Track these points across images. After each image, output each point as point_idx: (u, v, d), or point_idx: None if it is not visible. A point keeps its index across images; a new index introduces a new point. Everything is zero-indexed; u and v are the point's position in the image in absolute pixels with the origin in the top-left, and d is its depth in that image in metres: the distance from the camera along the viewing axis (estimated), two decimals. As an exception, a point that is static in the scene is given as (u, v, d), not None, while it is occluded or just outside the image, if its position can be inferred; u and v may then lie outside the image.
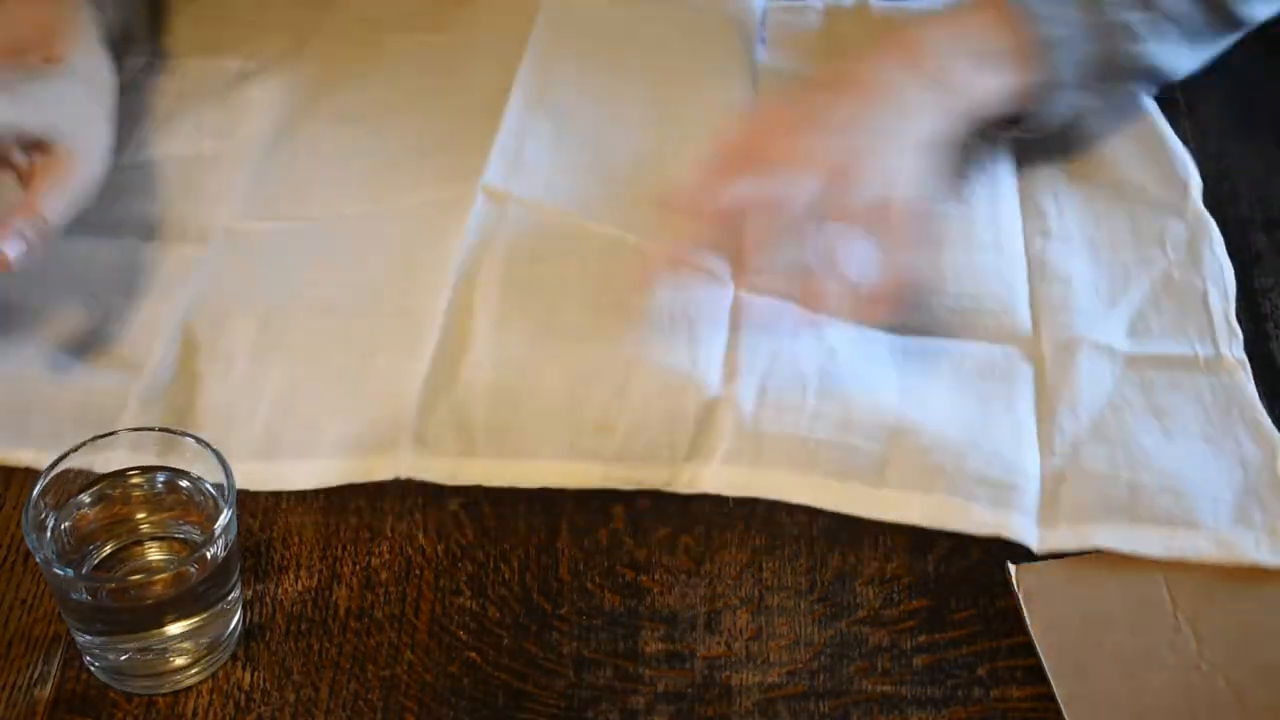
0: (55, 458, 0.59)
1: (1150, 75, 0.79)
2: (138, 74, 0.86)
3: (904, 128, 0.72)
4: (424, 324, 0.71)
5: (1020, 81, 0.75)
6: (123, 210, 0.78)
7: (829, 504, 0.65)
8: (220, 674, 0.59)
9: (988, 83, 0.75)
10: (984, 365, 0.71)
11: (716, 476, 0.66)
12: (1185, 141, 0.84)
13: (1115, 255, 0.77)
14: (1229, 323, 0.73)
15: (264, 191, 0.80)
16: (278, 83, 0.87)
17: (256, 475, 0.66)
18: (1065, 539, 0.64)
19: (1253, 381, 0.70)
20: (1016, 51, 0.75)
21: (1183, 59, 0.79)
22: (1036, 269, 0.76)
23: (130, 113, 0.82)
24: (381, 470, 0.66)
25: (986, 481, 0.65)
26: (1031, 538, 0.64)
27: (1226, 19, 0.79)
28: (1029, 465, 0.66)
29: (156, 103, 0.86)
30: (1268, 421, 0.68)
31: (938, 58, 0.74)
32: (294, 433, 0.67)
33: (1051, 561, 0.63)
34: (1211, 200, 0.81)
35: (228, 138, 0.84)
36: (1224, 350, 0.72)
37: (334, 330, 0.72)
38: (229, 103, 0.86)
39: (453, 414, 0.68)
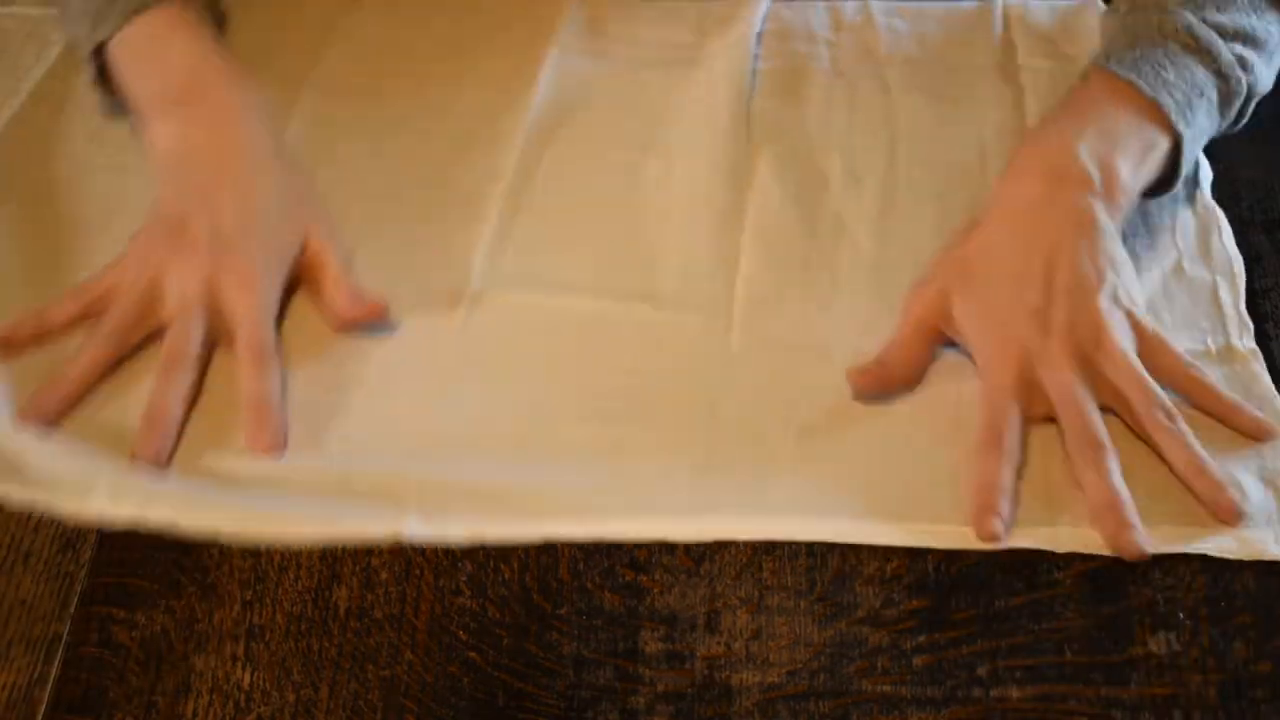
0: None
1: (1248, 103, 0.78)
2: None
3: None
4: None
5: (1163, 155, 0.75)
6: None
7: (804, 538, 0.64)
8: (220, 674, 0.59)
9: (1142, 173, 0.74)
10: None
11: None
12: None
13: (1127, 245, 0.76)
14: (1240, 314, 0.73)
15: None
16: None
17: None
18: (1073, 540, 0.63)
19: (1267, 373, 0.70)
20: (1152, 129, 0.74)
21: (1267, 78, 0.79)
22: None
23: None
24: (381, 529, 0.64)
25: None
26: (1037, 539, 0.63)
27: None
28: (1034, 463, 0.66)
29: None
30: None
31: (1093, 169, 0.72)
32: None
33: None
34: (1212, 200, 0.81)
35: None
36: (1235, 342, 0.71)
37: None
38: None
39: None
